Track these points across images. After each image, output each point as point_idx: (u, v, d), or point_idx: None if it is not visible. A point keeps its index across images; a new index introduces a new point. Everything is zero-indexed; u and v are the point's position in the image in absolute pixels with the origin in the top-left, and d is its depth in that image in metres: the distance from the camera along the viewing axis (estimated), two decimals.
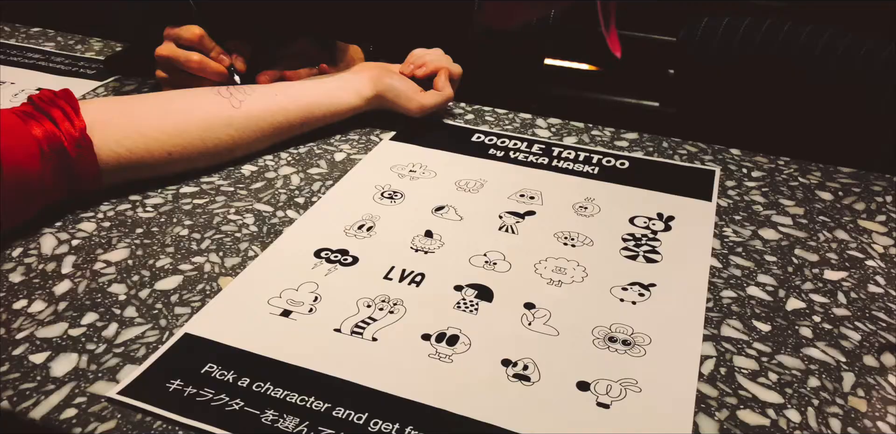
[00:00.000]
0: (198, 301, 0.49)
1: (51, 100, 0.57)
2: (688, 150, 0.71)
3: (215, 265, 0.53)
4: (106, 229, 0.56)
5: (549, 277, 0.52)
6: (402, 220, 0.59)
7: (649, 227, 0.58)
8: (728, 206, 0.62)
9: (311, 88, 0.71)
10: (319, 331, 0.46)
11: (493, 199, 0.62)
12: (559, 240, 0.56)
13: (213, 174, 0.65)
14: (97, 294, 0.49)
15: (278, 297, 0.49)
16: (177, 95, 0.65)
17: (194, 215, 0.59)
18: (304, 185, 0.64)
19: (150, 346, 0.45)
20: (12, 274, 0.51)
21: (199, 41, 0.70)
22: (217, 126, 0.63)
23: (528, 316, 0.48)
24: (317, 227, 0.58)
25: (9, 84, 0.84)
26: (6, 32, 0.98)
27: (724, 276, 0.53)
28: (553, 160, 0.68)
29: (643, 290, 0.51)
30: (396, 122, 0.74)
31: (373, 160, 0.68)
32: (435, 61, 0.76)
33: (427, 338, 0.46)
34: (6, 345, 0.45)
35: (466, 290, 0.50)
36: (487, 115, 0.78)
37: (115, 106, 0.61)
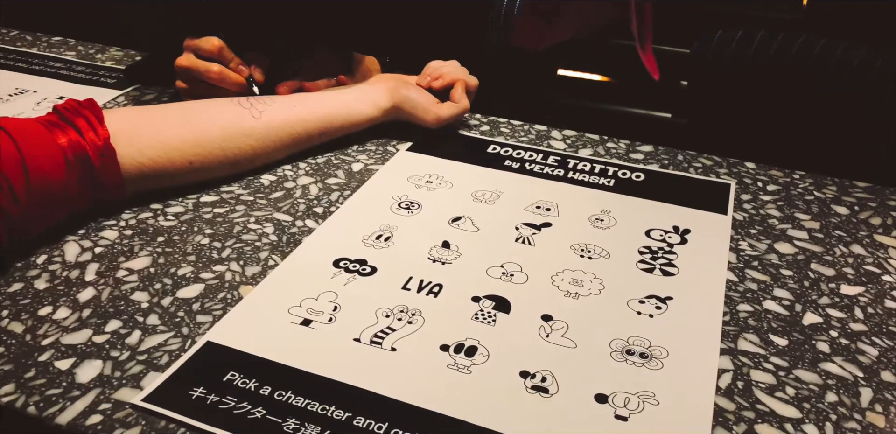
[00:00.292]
0: (219, 309, 0.50)
1: (75, 109, 0.58)
2: (703, 163, 0.71)
3: (236, 274, 0.53)
4: (128, 237, 0.57)
5: (566, 289, 0.52)
6: (419, 230, 0.59)
7: (665, 239, 0.59)
8: (744, 220, 0.62)
9: (330, 100, 0.72)
10: (339, 340, 0.47)
11: (509, 210, 0.62)
12: (576, 252, 0.57)
13: (233, 183, 0.65)
14: (120, 301, 0.50)
15: (298, 307, 0.50)
16: (198, 106, 0.66)
17: (215, 224, 0.59)
18: (323, 195, 0.64)
19: (172, 353, 0.46)
20: (37, 280, 0.52)
21: (219, 52, 0.71)
22: (237, 136, 0.64)
23: (546, 328, 0.49)
24: (335, 237, 0.58)
25: (31, 92, 0.85)
26: (28, 41, 1.00)
27: (741, 290, 0.53)
28: (569, 172, 0.69)
29: (660, 303, 0.51)
30: (413, 132, 0.75)
31: (390, 171, 0.69)
32: (451, 73, 0.76)
33: (445, 348, 0.47)
34: (32, 351, 0.45)
35: (484, 302, 0.51)
36: (503, 126, 0.79)
37: (138, 116, 0.62)
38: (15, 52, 0.96)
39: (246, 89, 0.73)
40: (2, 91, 0.85)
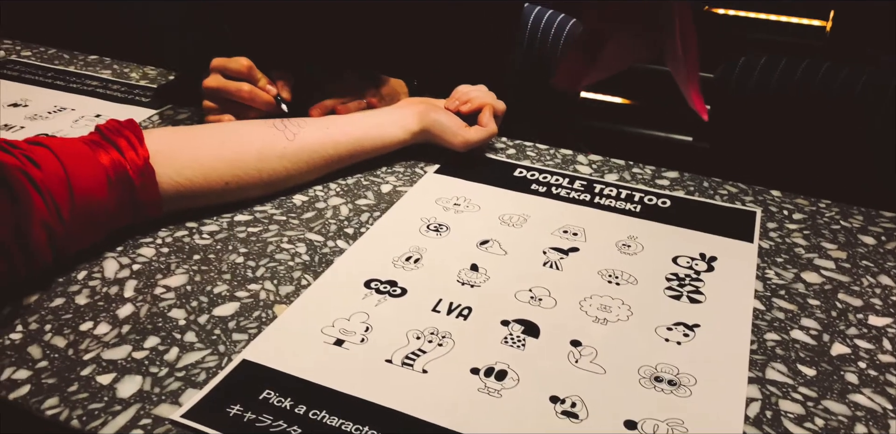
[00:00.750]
0: (254, 328, 0.51)
1: (117, 129, 0.60)
2: (728, 190, 0.72)
3: (270, 293, 0.55)
4: (164, 255, 0.59)
5: (594, 315, 0.53)
6: (447, 252, 0.60)
7: (692, 267, 0.59)
8: (770, 248, 0.62)
9: (361, 122, 0.73)
10: (372, 361, 0.48)
11: (536, 234, 0.63)
12: (603, 277, 0.58)
13: (266, 203, 0.67)
14: (158, 318, 0.51)
15: (331, 327, 0.51)
16: (234, 127, 0.68)
17: (249, 243, 0.61)
18: (353, 216, 0.66)
19: (209, 370, 0.47)
20: (78, 296, 0.53)
21: (248, 72, 0.73)
22: (272, 157, 0.66)
23: (575, 353, 0.49)
24: (366, 258, 0.59)
25: (69, 110, 0.88)
26: (65, 60, 1.03)
27: (768, 319, 0.54)
28: (595, 197, 0.69)
29: (687, 331, 0.52)
30: (440, 155, 0.76)
31: (418, 193, 0.70)
32: (480, 98, 0.78)
33: (476, 372, 0.47)
34: (75, 365, 0.47)
35: (513, 326, 0.52)
36: (529, 150, 0.80)
37: (176, 136, 0.64)
38: (53, 71, 0.99)
39: (275, 108, 0.75)
40: (41, 109, 0.87)
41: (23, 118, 0.85)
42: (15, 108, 0.87)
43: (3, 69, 0.99)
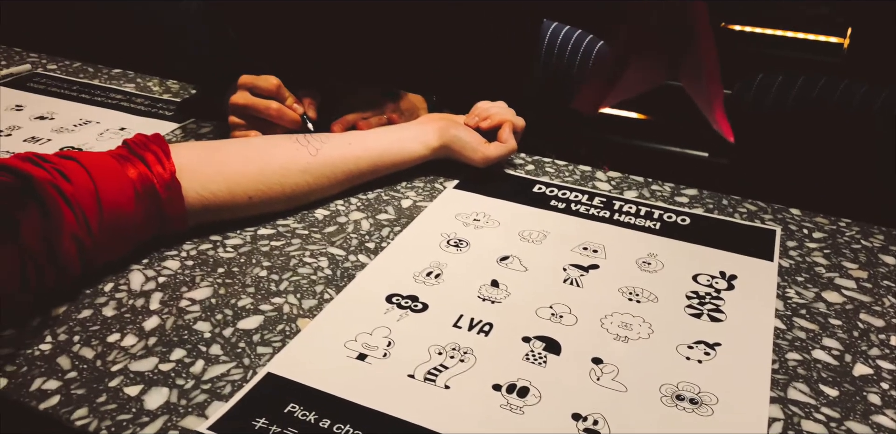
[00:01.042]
0: (278, 341, 0.51)
1: (144, 144, 0.61)
2: (747, 208, 0.72)
3: (293, 306, 0.55)
4: (189, 268, 0.60)
5: (615, 333, 0.53)
6: (468, 268, 0.61)
7: (713, 285, 0.59)
8: (790, 267, 0.62)
9: (382, 138, 0.74)
10: (394, 376, 0.48)
11: (556, 250, 0.64)
12: (624, 295, 0.58)
13: (289, 217, 0.68)
14: (184, 331, 0.52)
15: (354, 341, 0.52)
16: (258, 142, 0.69)
17: (272, 257, 0.61)
18: (374, 231, 0.66)
19: (235, 383, 0.47)
20: (105, 308, 0.54)
21: (277, 91, 0.74)
22: (295, 172, 0.67)
23: (597, 371, 0.49)
24: (387, 273, 0.60)
25: (94, 123, 0.89)
26: (90, 73, 1.05)
27: (789, 338, 0.54)
28: (614, 214, 0.70)
29: (708, 349, 0.52)
30: (459, 170, 0.77)
31: (438, 208, 0.71)
32: (499, 114, 0.79)
33: (498, 388, 0.48)
34: (103, 376, 0.47)
35: (534, 342, 0.52)
36: (547, 166, 0.81)
37: (202, 151, 0.65)
38: (78, 84, 1.01)
39: (301, 126, 0.76)
40: (67, 121, 0.89)
41: (49, 131, 0.86)
42: (42, 120, 0.89)
43: (30, 82, 1.01)
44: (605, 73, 0.40)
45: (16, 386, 0.46)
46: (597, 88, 0.41)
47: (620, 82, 0.40)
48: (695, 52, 0.40)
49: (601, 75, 0.41)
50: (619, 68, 0.40)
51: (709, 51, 0.40)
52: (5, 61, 1.07)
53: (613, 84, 0.40)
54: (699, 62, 0.39)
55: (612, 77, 0.40)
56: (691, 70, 0.40)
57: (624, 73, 0.40)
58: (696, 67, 0.39)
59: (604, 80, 0.40)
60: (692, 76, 0.40)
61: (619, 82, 0.40)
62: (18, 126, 0.87)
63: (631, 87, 0.41)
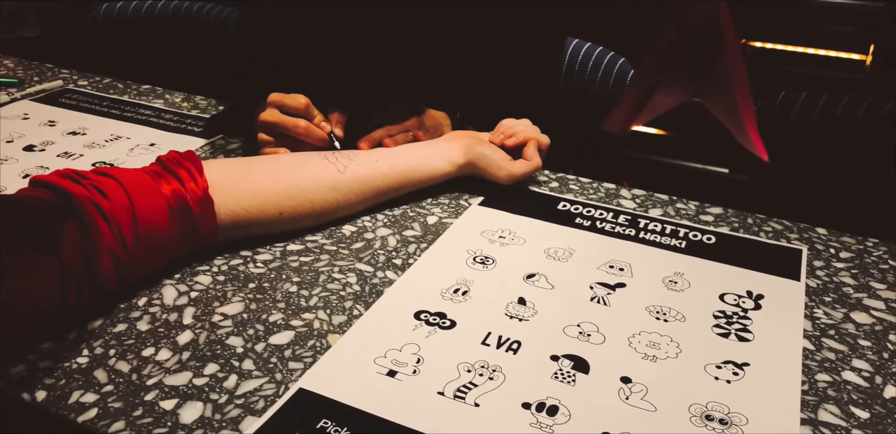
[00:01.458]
0: (309, 356, 0.52)
1: (177, 161, 0.63)
2: (773, 227, 0.72)
3: (323, 322, 0.56)
4: (221, 283, 0.61)
5: (643, 352, 0.53)
6: (495, 285, 0.61)
7: (739, 304, 0.59)
8: (817, 287, 0.62)
9: (408, 155, 0.75)
10: (424, 393, 0.49)
11: (583, 268, 0.64)
12: (651, 313, 0.58)
13: (317, 233, 0.69)
14: (217, 345, 0.53)
15: (383, 357, 0.52)
16: (288, 159, 0.70)
17: (301, 272, 0.62)
18: (401, 247, 0.67)
19: (267, 398, 0.48)
20: (139, 322, 0.55)
21: (305, 109, 0.76)
22: (324, 189, 0.68)
23: (626, 390, 0.50)
24: (415, 289, 0.61)
25: (125, 139, 0.91)
26: (119, 89, 1.07)
27: (818, 359, 0.54)
28: (640, 232, 0.70)
29: (737, 369, 0.52)
30: (483, 187, 0.78)
31: (463, 225, 0.71)
32: (524, 132, 0.79)
33: (527, 406, 0.48)
34: (139, 390, 0.48)
35: (563, 361, 0.52)
36: (571, 183, 0.81)
37: (233, 168, 0.66)
38: (108, 99, 1.03)
39: (328, 144, 0.77)
40: (98, 137, 0.91)
41: (81, 146, 0.88)
42: (74, 135, 0.91)
43: (62, 98, 1.03)
44: (634, 93, 0.41)
45: (54, 398, 0.47)
46: (626, 109, 0.42)
47: (649, 104, 0.41)
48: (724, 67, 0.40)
49: (631, 96, 0.41)
50: (649, 88, 0.41)
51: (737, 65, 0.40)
52: (38, 77, 1.10)
53: (643, 105, 0.41)
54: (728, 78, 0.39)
55: (641, 98, 0.41)
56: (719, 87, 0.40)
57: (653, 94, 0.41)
58: (724, 84, 0.40)
59: (633, 101, 0.41)
60: (720, 94, 0.41)
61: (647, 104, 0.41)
62: (52, 141, 0.89)
63: (658, 106, 0.42)
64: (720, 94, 0.40)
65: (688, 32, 0.40)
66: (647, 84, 0.42)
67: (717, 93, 0.41)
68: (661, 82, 0.42)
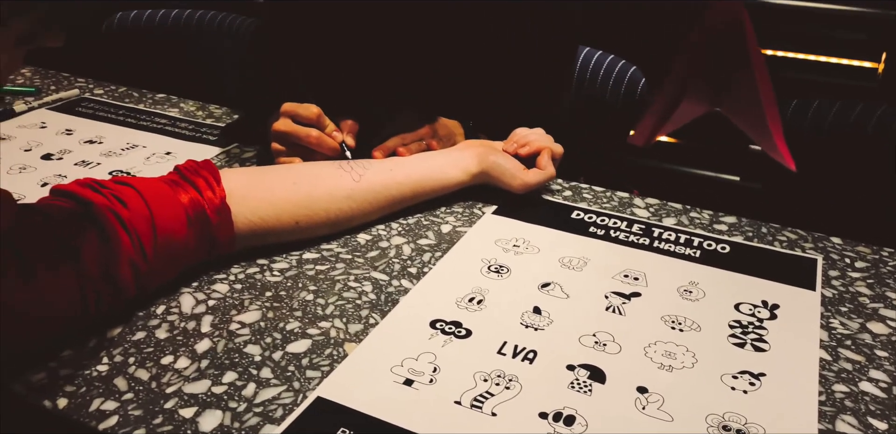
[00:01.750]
0: (326, 365, 0.52)
1: (195, 170, 0.63)
2: (787, 236, 0.72)
3: (340, 331, 0.56)
4: (238, 291, 0.61)
5: (659, 362, 0.54)
6: (509, 294, 0.62)
7: (755, 314, 0.59)
8: (833, 297, 0.62)
9: (422, 164, 0.76)
10: (441, 402, 0.49)
11: (597, 278, 0.64)
12: (666, 323, 0.58)
13: (332, 241, 0.69)
14: (235, 354, 0.53)
15: (400, 366, 0.52)
16: (304, 169, 0.71)
17: (317, 281, 0.63)
18: (415, 256, 0.68)
19: (286, 407, 0.48)
20: (158, 330, 0.56)
21: (317, 119, 0.77)
22: (339, 198, 0.68)
23: (642, 400, 0.50)
24: (430, 298, 0.61)
25: (141, 147, 0.92)
26: (135, 98, 1.08)
27: (835, 370, 0.53)
28: (654, 241, 0.70)
29: (753, 380, 0.52)
30: (497, 195, 0.78)
31: (478, 233, 0.72)
32: (538, 141, 0.80)
33: (544, 416, 0.48)
34: (158, 398, 0.49)
35: (579, 371, 0.52)
36: (585, 192, 0.81)
37: (250, 177, 0.67)
38: (124, 108, 1.04)
39: (339, 154, 0.77)
40: (115, 145, 0.92)
41: (98, 155, 0.89)
42: (91, 144, 0.92)
43: (79, 107, 1.04)
44: (658, 105, 0.41)
45: (75, 406, 0.48)
46: (651, 121, 0.42)
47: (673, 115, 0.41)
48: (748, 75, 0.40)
49: (655, 108, 0.42)
50: (673, 99, 0.41)
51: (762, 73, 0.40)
52: (54, 86, 1.11)
53: (667, 116, 0.41)
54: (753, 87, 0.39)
55: (665, 109, 0.41)
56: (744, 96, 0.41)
57: (677, 105, 0.41)
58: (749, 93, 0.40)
59: (658, 113, 0.41)
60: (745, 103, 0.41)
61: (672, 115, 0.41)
62: (69, 150, 0.90)
63: (683, 117, 0.42)
64: (745, 103, 0.41)
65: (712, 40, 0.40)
66: (671, 95, 0.42)
67: (742, 101, 0.41)
68: (685, 93, 0.42)
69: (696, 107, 0.42)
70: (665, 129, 0.42)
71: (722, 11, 0.40)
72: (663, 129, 0.42)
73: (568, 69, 1.00)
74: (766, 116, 0.40)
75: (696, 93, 0.41)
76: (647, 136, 0.43)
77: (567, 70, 1.00)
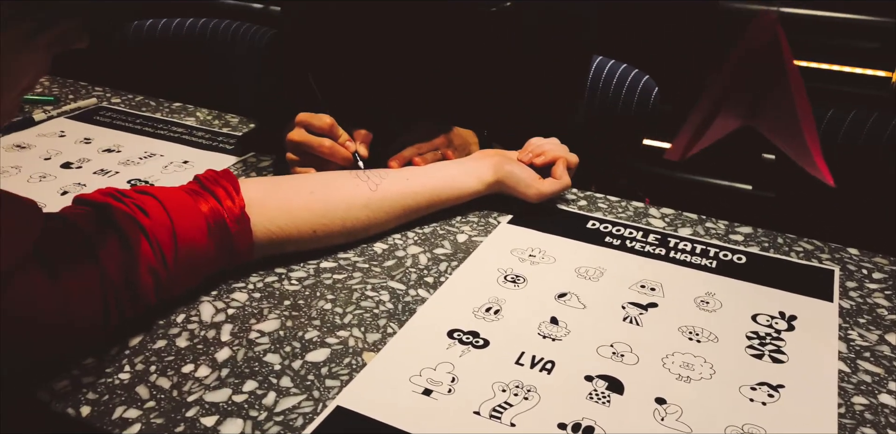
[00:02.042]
0: (345, 374, 0.53)
1: (215, 179, 0.64)
2: (804, 247, 0.72)
3: (358, 340, 0.57)
4: (257, 300, 0.62)
5: (677, 373, 0.54)
6: (526, 304, 0.62)
7: (772, 325, 0.59)
8: (851, 308, 0.62)
9: (438, 174, 0.76)
10: (460, 412, 0.49)
11: (614, 288, 0.64)
12: (684, 334, 0.58)
13: (349, 250, 0.70)
14: (254, 362, 0.54)
15: (418, 376, 0.53)
16: (321, 178, 0.72)
17: (335, 290, 0.63)
18: (432, 265, 0.68)
19: (306, 416, 0.49)
20: (178, 339, 0.56)
21: (330, 129, 0.77)
22: (357, 207, 0.69)
23: (661, 411, 0.50)
24: (447, 308, 0.61)
25: (159, 156, 0.93)
26: (152, 106, 1.09)
27: (854, 382, 0.53)
28: (670, 251, 0.70)
29: (772, 391, 0.52)
30: (511, 205, 0.78)
31: (493, 243, 0.72)
32: (553, 151, 0.80)
33: (563, 427, 0.48)
34: (180, 406, 0.49)
35: (597, 381, 0.53)
36: (600, 202, 0.82)
37: (268, 186, 0.68)
38: (142, 117, 1.05)
39: (352, 163, 0.78)
40: (133, 154, 0.93)
41: (116, 163, 0.90)
42: (109, 153, 0.93)
43: (96, 116, 1.05)
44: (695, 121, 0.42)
45: (98, 414, 0.49)
46: (687, 136, 0.42)
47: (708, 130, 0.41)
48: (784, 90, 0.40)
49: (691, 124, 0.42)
50: (709, 116, 0.41)
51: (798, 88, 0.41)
52: (73, 95, 1.13)
53: (703, 131, 0.41)
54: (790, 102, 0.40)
55: (702, 125, 0.41)
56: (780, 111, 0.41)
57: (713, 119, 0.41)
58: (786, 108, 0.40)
59: (693, 129, 0.42)
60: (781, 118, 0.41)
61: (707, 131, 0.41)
62: (88, 158, 0.91)
63: (719, 131, 0.42)
64: (782, 119, 0.41)
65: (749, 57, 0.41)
66: (707, 111, 0.43)
67: (779, 117, 0.41)
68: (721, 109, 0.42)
69: (733, 122, 0.43)
70: (701, 144, 0.43)
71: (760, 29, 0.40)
72: (699, 145, 0.43)
73: (582, 79, 1.00)
74: (804, 132, 0.40)
75: (732, 108, 0.42)
76: (682, 151, 0.44)
77: (581, 80, 1.00)
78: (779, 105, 0.40)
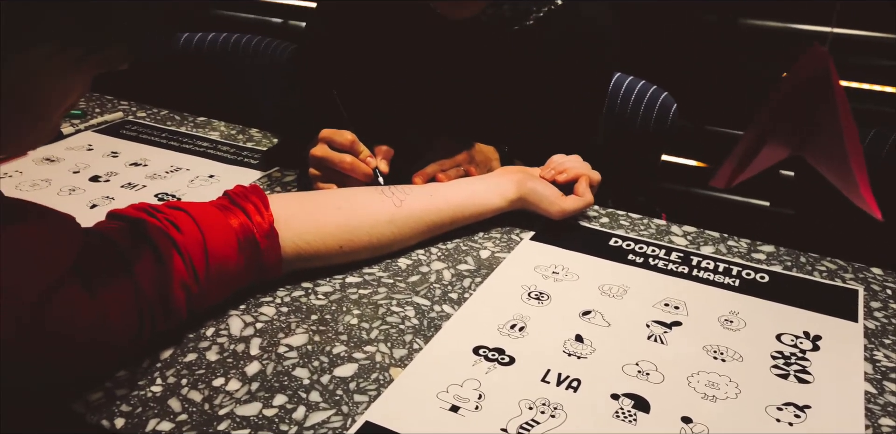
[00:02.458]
0: (373, 389, 0.53)
1: (244, 195, 0.65)
2: (827, 266, 0.72)
3: (385, 355, 0.57)
4: (285, 314, 0.62)
5: (702, 392, 0.54)
6: (551, 322, 0.62)
7: (797, 345, 0.59)
8: (876, 329, 0.62)
9: (461, 190, 0.77)
10: (488, 429, 0.50)
11: (638, 306, 0.65)
12: (708, 353, 0.58)
13: (374, 266, 0.70)
14: (284, 377, 0.55)
15: (445, 392, 0.53)
16: (347, 194, 0.73)
17: (361, 305, 0.64)
18: (456, 281, 0.69)
19: (335, 431, 0.49)
20: (209, 352, 0.57)
21: (351, 145, 0.79)
22: (382, 223, 0.70)
23: (687, 430, 0.50)
24: (472, 324, 0.62)
25: (185, 170, 0.94)
26: (177, 121, 1.11)
27: (881, 403, 0.53)
28: (693, 270, 0.71)
29: (798, 412, 0.52)
30: (534, 221, 0.79)
31: (516, 259, 0.73)
32: (575, 168, 0.81)
33: None
34: (212, 420, 0.50)
35: (623, 400, 0.53)
36: (622, 219, 0.82)
37: (296, 202, 0.69)
38: (167, 131, 1.07)
39: (372, 179, 0.79)
40: (159, 168, 0.94)
41: (143, 177, 0.92)
42: (136, 167, 0.95)
43: (122, 129, 1.07)
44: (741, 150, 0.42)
45: (132, 426, 0.49)
46: (733, 164, 0.43)
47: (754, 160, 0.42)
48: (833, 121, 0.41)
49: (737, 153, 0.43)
50: (757, 143, 0.42)
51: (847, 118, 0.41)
52: (99, 109, 1.15)
53: (748, 161, 0.42)
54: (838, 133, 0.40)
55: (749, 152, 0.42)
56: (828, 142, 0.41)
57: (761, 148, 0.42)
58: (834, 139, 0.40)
59: (739, 157, 0.42)
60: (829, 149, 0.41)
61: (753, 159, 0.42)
62: (115, 172, 0.93)
63: (765, 160, 0.43)
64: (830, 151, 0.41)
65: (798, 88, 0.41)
66: (753, 140, 0.43)
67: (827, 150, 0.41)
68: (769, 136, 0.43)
69: (780, 152, 0.43)
70: (747, 172, 0.43)
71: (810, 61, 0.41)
72: (745, 173, 0.43)
73: (604, 96, 1.01)
74: (852, 165, 0.40)
75: (780, 138, 0.42)
76: (727, 179, 0.44)
77: (601, 99, 1.01)
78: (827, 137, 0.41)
